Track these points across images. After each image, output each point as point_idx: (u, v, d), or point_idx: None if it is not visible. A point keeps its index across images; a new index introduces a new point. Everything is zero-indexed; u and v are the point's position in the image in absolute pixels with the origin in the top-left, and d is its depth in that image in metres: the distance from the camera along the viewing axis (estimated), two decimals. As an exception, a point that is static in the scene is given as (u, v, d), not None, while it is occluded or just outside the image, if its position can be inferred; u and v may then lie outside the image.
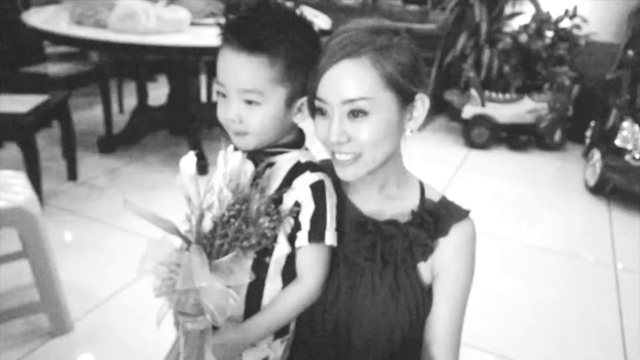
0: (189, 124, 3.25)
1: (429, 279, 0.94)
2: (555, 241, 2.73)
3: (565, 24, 3.99)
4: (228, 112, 0.85)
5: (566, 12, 3.98)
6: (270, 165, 0.90)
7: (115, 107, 3.83)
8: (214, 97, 4.02)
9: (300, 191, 0.87)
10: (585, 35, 3.93)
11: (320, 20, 3.33)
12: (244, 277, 0.84)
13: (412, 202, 0.96)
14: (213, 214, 0.81)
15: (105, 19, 2.56)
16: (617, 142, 3.03)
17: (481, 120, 3.82)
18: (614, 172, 3.04)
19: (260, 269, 0.89)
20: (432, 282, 0.94)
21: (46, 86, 2.89)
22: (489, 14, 4.13)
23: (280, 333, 0.96)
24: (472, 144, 3.89)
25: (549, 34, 3.96)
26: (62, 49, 3.82)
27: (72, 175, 2.94)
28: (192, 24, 2.80)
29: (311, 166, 0.90)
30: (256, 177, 0.87)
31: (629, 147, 2.97)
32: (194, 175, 0.86)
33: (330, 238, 0.88)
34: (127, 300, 2.04)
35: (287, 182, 0.88)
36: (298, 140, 0.94)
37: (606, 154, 3.10)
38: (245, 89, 0.83)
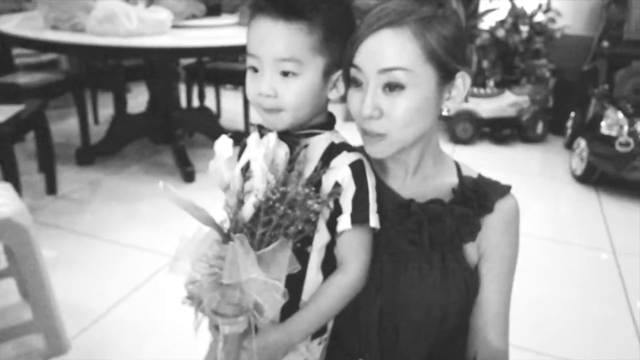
0: (171, 131, 3.14)
1: (475, 259, 0.89)
2: (551, 231, 2.73)
3: (540, 17, 4.06)
4: (262, 86, 0.78)
5: (540, 6, 4.05)
6: (304, 147, 0.84)
7: (90, 118, 3.68)
8: (195, 104, 3.93)
9: (340, 171, 0.81)
10: (559, 28, 4.00)
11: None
12: (290, 267, 0.77)
13: (450, 180, 0.92)
14: (255, 200, 0.74)
15: (83, 23, 2.45)
16: (603, 129, 3.07)
17: (465, 115, 3.84)
18: (601, 159, 3.08)
19: (300, 260, 0.82)
20: (478, 262, 0.89)
21: (18, 97, 2.74)
22: (465, 11, 4.17)
23: (317, 333, 0.88)
24: (456, 139, 3.90)
25: (525, 28, 4.02)
26: (31, 59, 3.67)
27: (52, 189, 2.80)
28: (174, 26, 2.71)
29: (347, 146, 0.85)
30: (291, 159, 0.81)
31: (614, 133, 3.02)
32: (232, 158, 0.79)
33: (374, 220, 0.82)
34: (124, 315, 1.93)
35: (323, 163, 0.82)
36: (329, 122, 0.88)
37: (592, 142, 3.14)
38: (282, 58, 0.77)
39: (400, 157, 0.89)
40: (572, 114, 3.82)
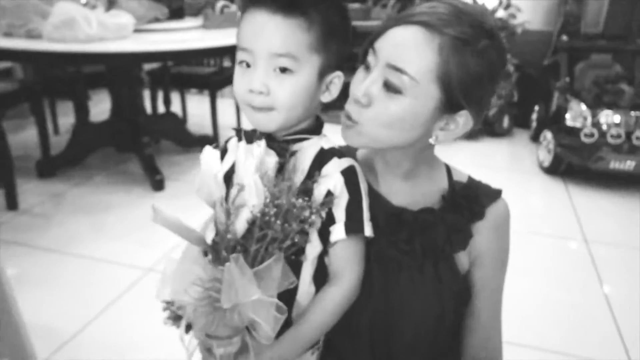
0: (137, 138, 3.04)
1: (467, 265, 0.88)
2: (522, 223, 2.77)
3: (501, 14, 4.13)
4: (253, 82, 0.74)
5: (500, 2, 4.12)
6: (292, 154, 0.80)
7: (49, 128, 3.52)
8: (160, 110, 3.82)
9: (332, 179, 0.77)
10: (520, 23, 4.08)
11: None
12: (285, 282, 0.73)
13: (441, 186, 0.89)
14: (250, 215, 0.70)
15: (39, 29, 2.33)
16: (567, 121, 3.15)
17: (433, 112, 3.86)
18: (568, 151, 3.15)
19: (293, 273, 0.78)
20: (470, 268, 0.88)
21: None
22: (429, 9, 4.20)
23: None
24: (426, 136, 3.93)
25: (486, 24, 4.08)
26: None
27: (12, 204, 2.66)
28: (136, 30, 2.61)
29: (337, 152, 0.81)
30: (280, 167, 0.77)
31: (579, 125, 3.09)
32: (218, 172, 0.74)
33: (369, 229, 0.79)
34: (99, 333, 1.84)
35: (313, 171, 0.78)
36: (317, 126, 0.84)
37: (558, 134, 3.21)
38: (278, 53, 0.73)
39: (390, 161, 0.87)
40: (537, 108, 3.90)
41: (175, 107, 3.91)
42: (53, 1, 2.34)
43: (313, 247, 0.79)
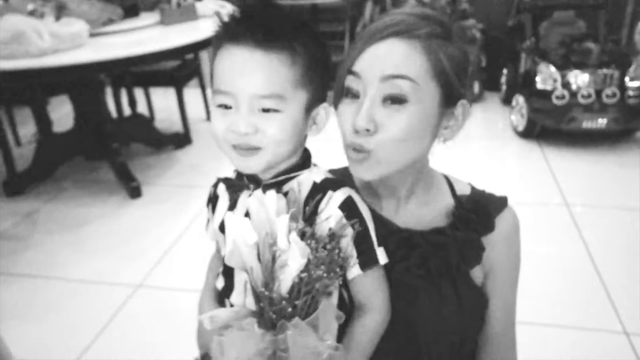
0: (105, 145, 2.93)
1: (481, 278, 0.88)
2: (502, 190, 2.79)
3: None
4: (239, 125, 0.69)
5: (461, -35, 4.06)
6: (285, 194, 0.77)
7: (10, 139, 3.36)
8: (126, 111, 3.69)
9: (332, 217, 0.73)
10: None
11: (228, 11, 3.11)
12: (337, 320, 0.71)
13: (446, 202, 0.88)
14: (294, 274, 0.66)
15: (-14, 46, 2.18)
16: (538, 85, 3.16)
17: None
18: (540, 114, 3.18)
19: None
20: (484, 280, 0.88)
21: None
22: (389, -22, 4.12)
23: None
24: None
25: (449, -10, 4.03)
26: None
27: (-17, 230, 2.55)
28: (91, 35, 2.48)
29: (330, 184, 0.77)
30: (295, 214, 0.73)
31: (549, 87, 3.11)
32: (251, 239, 0.68)
33: (382, 256, 0.76)
34: (95, 361, 1.80)
35: (309, 210, 0.74)
36: (305, 159, 0.80)
37: (530, 98, 3.23)
38: (262, 95, 0.69)
39: (391, 184, 0.85)
40: (505, 70, 3.90)
41: (141, 105, 3.78)
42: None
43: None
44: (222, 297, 0.85)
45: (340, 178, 0.80)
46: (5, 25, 2.12)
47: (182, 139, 3.49)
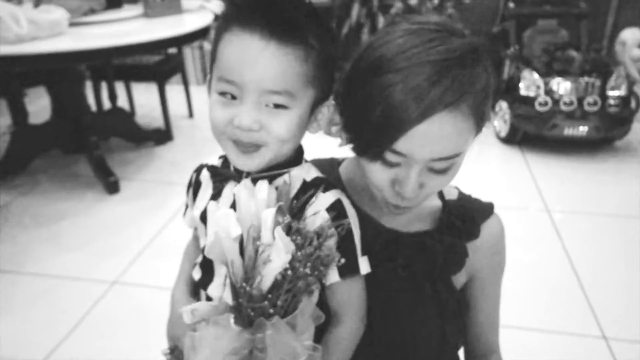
0: (84, 139, 2.85)
1: (463, 279, 0.87)
2: (484, 194, 2.81)
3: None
4: (243, 118, 0.64)
5: (448, -28, 4.09)
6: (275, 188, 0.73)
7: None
8: (106, 105, 3.61)
9: (318, 218, 0.69)
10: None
11: (213, 6, 3.07)
12: (315, 319, 0.68)
13: (433, 204, 0.87)
14: (279, 272, 0.62)
15: (-39, 31, 2.10)
16: (521, 91, 3.19)
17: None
18: (523, 120, 3.20)
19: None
20: (467, 283, 0.88)
21: None
22: (376, -18, 4.12)
23: None
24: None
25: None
26: None
27: (-48, 222, 2.45)
28: (71, 24, 2.41)
29: (320, 183, 0.73)
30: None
31: (532, 94, 3.14)
32: (234, 233, 0.65)
33: (365, 265, 0.73)
34: (66, 359, 1.74)
35: (297, 208, 0.70)
36: (296, 156, 0.76)
37: (513, 103, 3.25)
38: (272, 90, 0.64)
39: None
40: (489, 76, 3.92)
41: (122, 100, 3.71)
42: (-26, -1, 2.11)
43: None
44: (198, 288, 0.81)
45: (330, 179, 0.77)
46: (-19, 10, 2.05)
47: (162, 135, 3.43)
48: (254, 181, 0.70)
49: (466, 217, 0.84)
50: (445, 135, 0.64)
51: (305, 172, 0.74)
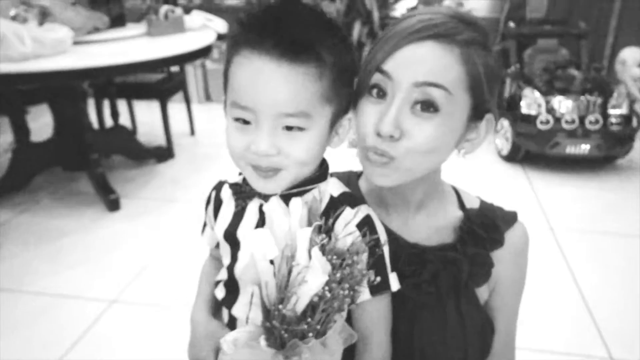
0: (85, 156, 2.85)
1: (486, 294, 0.85)
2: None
3: (447, 2, 4.15)
4: (260, 144, 0.63)
5: (448, -9, 4.14)
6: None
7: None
8: (108, 123, 3.62)
9: (350, 236, 0.67)
10: (467, 11, 4.10)
11: (216, 25, 3.09)
12: (347, 339, 0.67)
13: (454, 214, 0.85)
14: (315, 293, 0.61)
15: (-34, 49, 2.12)
16: (523, 109, 3.19)
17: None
18: (525, 139, 3.20)
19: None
20: (488, 297, 0.85)
21: None
22: (378, 3, 4.17)
23: None
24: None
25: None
26: None
27: (-49, 240, 2.43)
28: (75, 42, 2.43)
29: (347, 199, 0.71)
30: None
31: (534, 112, 3.14)
32: (271, 255, 0.63)
33: (395, 281, 0.71)
34: (64, 380, 1.71)
35: (327, 226, 0.68)
36: (323, 171, 0.74)
37: (515, 122, 3.25)
38: (287, 113, 0.62)
39: (402, 193, 0.81)
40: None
41: (124, 117, 3.72)
42: (-21, 18, 2.13)
43: None
44: (221, 307, 0.80)
45: (356, 194, 0.75)
46: (-15, 28, 2.06)
47: (164, 153, 3.43)
48: (282, 198, 0.69)
49: (489, 225, 0.82)
50: (431, 60, 0.67)
51: (332, 188, 0.73)
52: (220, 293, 0.78)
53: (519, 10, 4.09)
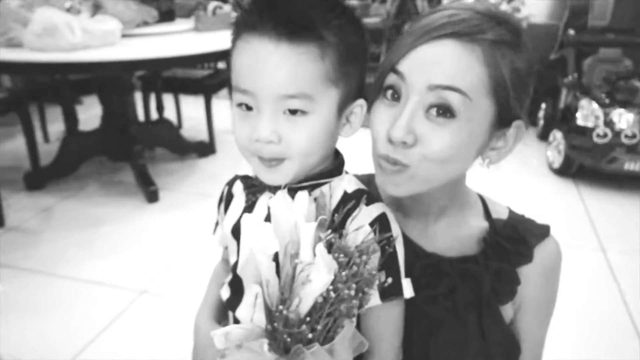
0: (129, 147, 2.91)
1: (512, 313, 0.77)
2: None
3: (504, 7, 3.99)
4: (260, 130, 0.60)
5: (504, -4, 3.98)
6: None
7: (39, 135, 3.40)
8: (153, 116, 3.69)
9: (360, 234, 0.62)
10: (524, 17, 3.94)
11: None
12: (359, 346, 0.62)
13: (478, 224, 0.78)
14: (319, 294, 0.56)
15: (20, 37, 2.19)
16: (578, 121, 3.01)
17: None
18: (579, 152, 3.02)
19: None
20: (514, 316, 0.77)
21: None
22: (429, 4, 4.07)
23: None
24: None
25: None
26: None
27: (-2, 220, 2.53)
28: (123, 35, 2.47)
29: (363, 196, 0.66)
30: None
31: (590, 125, 2.96)
32: (273, 249, 0.59)
33: (408, 288, 0.65)
34: (88, 366, 1.72)
35: (339, 221, 0.64)
36: (337, 165, 0.70)
37: (568, 134, 3.08)
38: (287, 95, 0.59)
39: (422, 200, 0.74)
40: (544, 105, 3.77)
41: (169, 111, 3.78)
42: (34, 8, 2.20)
43: None
44: (226, 309, 0.76)
45: (373, 192, 0.70)
46: (38, 17, 2.13)
47: (206, 148, 3.45)
48: (292, 192, 0.64)
49: (517, 238, 0.75)
50: (448, 60, 0.62)
51: (346, 183, 0.68)
52: (225, 293, 0.74)
53: (581, 17, 3.88)
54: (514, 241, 0.74)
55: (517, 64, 0.64)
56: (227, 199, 0.78)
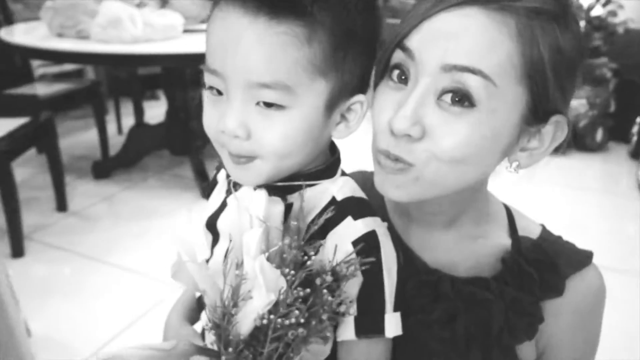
0: (190, 142, 2.95)
1: (532, 357, 0.61)
2: (615, 258, 2.33)
3: (598, 11, 3.63)
4: (226, 121, 0.50)
5: (599, -2, 3.62)
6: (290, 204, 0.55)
7: (113, 127, 3.55)
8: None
9: (340, 251, 0.50)
10: (622, 22, 3.56)
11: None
12: None
13: (499, 242, 0.62)
14: (258, 315, 0.47)
15: (88, 29, 2.27)
16: (677, 138, 2.65)
17: (512, 122, 3.46)
18: (676, 173, 2.65)
19: None
20: None
21: (32, 108, 2.60)
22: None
23: None
24: (503, 148, 3.53)
25: (581, 23, 3.60)
26: (55, 68, 3.59)
27: (62, 205, 2.64)
28: (186, 30, 2.50)
29: (353, 206, 0.54)
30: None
31: (692, 143, 2.58)
32: (204, 257, 0.52)
33: (393, 325, 0.52)
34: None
35: (320, 230, 0.52)
36: (329, 166, 0.58)
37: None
38: (260, 83, 0.48)
39: (428, 209, 0.61)
40: (639, 120, 3.38)
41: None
42: (102, 0, 2.28)
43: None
44: (200, 308, 0.70)
45: (369, 203, 0.57)
46: (104, 9, 2.19)
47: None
48: (271, 191, 0.53)
49: (545, 263, 0.59)
50: (468, 34, 0.48)
51: (337, 188, 0.56)
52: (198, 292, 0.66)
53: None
54: (540, 266, 0.58)
55: (561, 42, 0.49)
56: (211, 186, 0.70)
